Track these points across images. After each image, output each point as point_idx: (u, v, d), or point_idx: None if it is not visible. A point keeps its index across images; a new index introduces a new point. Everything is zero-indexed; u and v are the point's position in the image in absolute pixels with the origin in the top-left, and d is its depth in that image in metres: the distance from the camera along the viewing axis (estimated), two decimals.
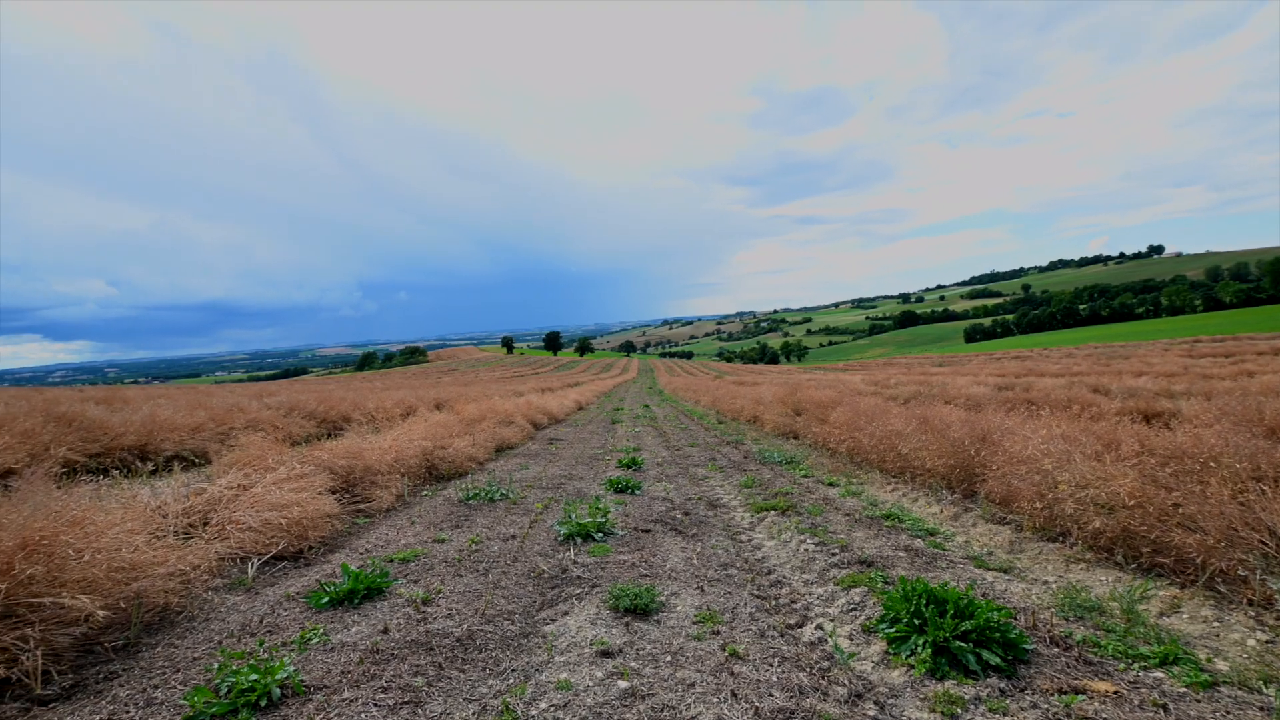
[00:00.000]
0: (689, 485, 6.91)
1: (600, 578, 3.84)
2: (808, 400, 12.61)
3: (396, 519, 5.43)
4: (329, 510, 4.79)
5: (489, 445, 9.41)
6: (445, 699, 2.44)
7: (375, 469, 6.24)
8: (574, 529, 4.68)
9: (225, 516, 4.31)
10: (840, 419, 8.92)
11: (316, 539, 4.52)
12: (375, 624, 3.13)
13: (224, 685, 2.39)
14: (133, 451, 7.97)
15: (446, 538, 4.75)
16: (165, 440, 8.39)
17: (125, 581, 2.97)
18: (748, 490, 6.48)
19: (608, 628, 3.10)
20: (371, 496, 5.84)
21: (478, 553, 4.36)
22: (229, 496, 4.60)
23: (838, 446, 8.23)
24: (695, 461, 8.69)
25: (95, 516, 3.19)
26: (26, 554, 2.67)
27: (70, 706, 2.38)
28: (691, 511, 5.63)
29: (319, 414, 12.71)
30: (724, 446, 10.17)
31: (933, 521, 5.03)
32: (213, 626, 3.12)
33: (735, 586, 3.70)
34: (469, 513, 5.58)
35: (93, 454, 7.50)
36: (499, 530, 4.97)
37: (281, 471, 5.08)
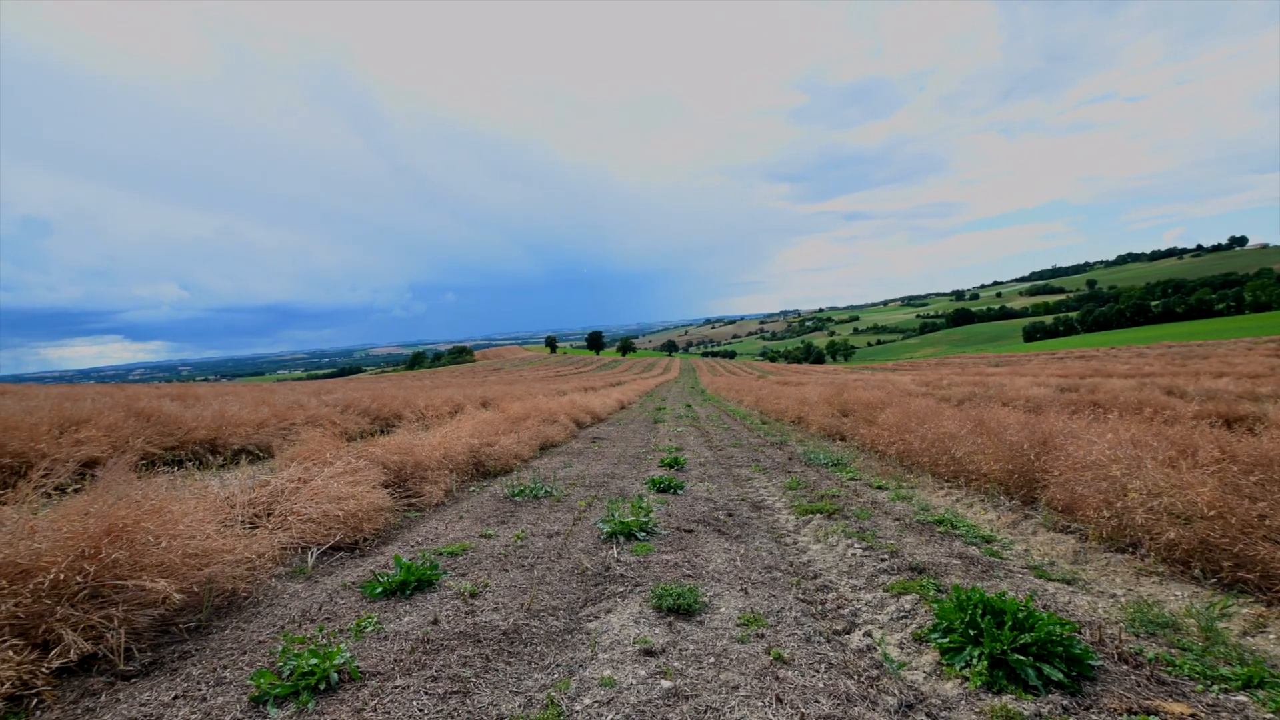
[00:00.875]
0: (732, 486, 6.85)
1: (643, 577, 3.85)
2: (855, 401, 12.30)
3: (445, 514, 5.59)
4: (382, 504, 4.97)
5: (533, 443, 9.57)
6: (492, 690, 2.50)
7: (425, 465, 6.44)
8: (617, 527, 4.71)
9: (287, 508, 4.53)
10: (889, 420, 8.66)
11: (371, 531, 4.70)
12: (426, 615, 3.23)
13: (286, 668, 2.52)
14: (204, 445, 8.48)
15: (493, 533, 4.86)
16: (233, 435, 8.89)
17: (198, 567, 3.17)
18: (792, 492, 6.37)
19: (650, 627, 3.11)
20: (422, 491, 6.03)
21: (523, 548, 4.45)
22: (290, 489, 4.84)
23: (886, 449, 8.00)
24: (738, 462, 8.60)
25: (172, 505, 3.41)
26: (111, 539, 2.87)
27: (149, 682, 2.55)
28: (735, 513, 5.58)
29: (372, 411, 13.21)
30: (767, 447, 10.03)
31: (989, 528, 4.83)
32: (276, 612, 3.29)
33: (780, 590, 3.65)
34: (514, 509, 5.69)
35: (168, 447, 8.02)
36: (543, 527, 5.04)
37: (338, 466, 5.31)
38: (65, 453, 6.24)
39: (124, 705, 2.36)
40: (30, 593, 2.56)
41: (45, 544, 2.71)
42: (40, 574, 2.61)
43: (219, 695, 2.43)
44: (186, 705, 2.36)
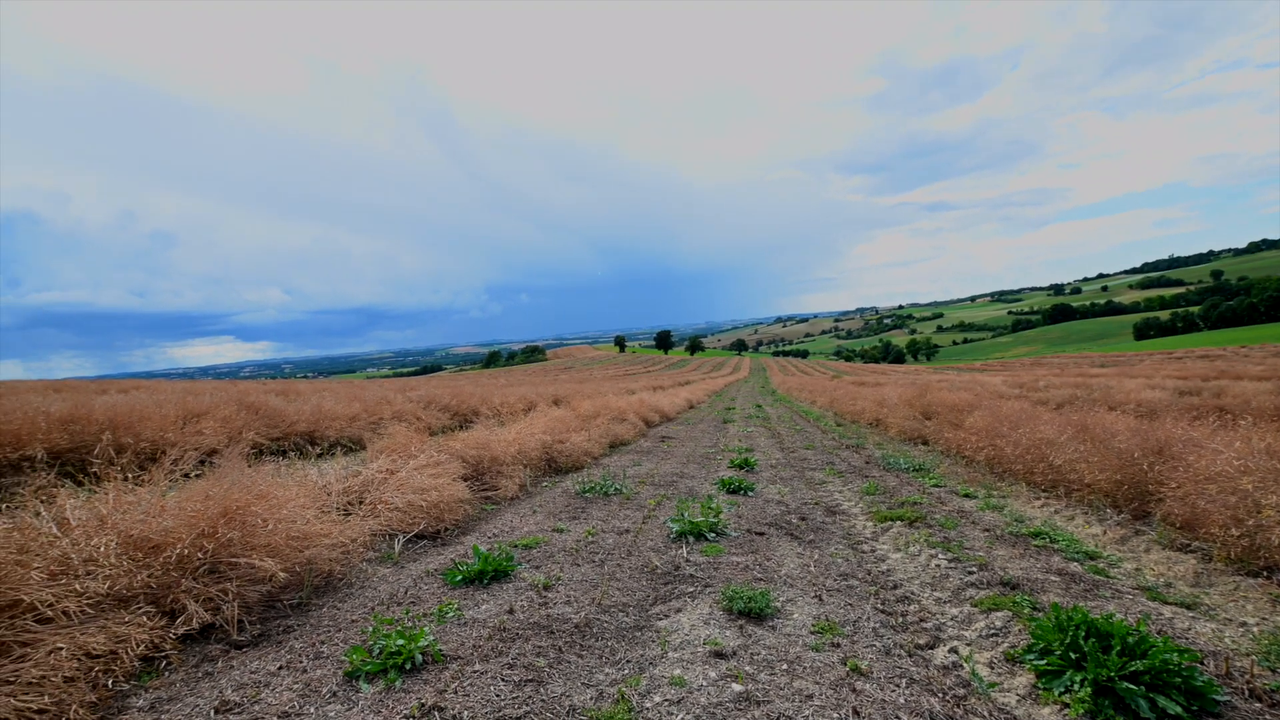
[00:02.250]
0: (805, 489, 6.66)
1: (713, 578, 3.81)
2: (939, 403, 11.63)
3: (519, 507, 5.77)
4: (461, 496, 5.20)
5: (603, 441, 9.71)
6: (565, 681, 2.55)
7: (501, 460, 6.68)
8: (686, 527, 4.69)
9: (376, 497, 4.84)
10: (978, 424, 8.11)
11: (451, 521, 4.93)
12: (502, 604, 3.34)
13: (376, 647, 2.68)
14: (304, 437, 9.21)
15: (565, 528, 4.97)
16: (329, 428, 9.60)
17: (299, 549, 3.43)
18: (870, 497, 6.10)
19: (721, 629, 3.07)
20: (497, 485, 6.26)
21: (594, 544, 4.51)
22: (379, 479, 5.16)
23: (974, 454, 7.50)
24: (811, 465, 8.34)
25: (277, 492, 3.72)
26: (227, 520, 3.17)
27: (257, 652, 2.79)
28: (808, 516, 5.41)
29: (452, 407, 13.87)
30: (843, 450, 9.67)
31: (1093, 544, 4.42)
32: (367, 594, 3.51)
33: (857, 598, 3.50)
34: (585, 505, 5.80)
35: (274, 438, 8.77)
36: (613, 524, 5.10)
37: (422, 458, 5.61)
38: (189, 441, 6.96)
39: (236, 672, 2.60)
40: (160, 565, 2.87)
41: (172, 522, 3.03)
42: (168, 549, 2.92)
43: (318, 668, 2.63)
44: (290, 675, 2.56)
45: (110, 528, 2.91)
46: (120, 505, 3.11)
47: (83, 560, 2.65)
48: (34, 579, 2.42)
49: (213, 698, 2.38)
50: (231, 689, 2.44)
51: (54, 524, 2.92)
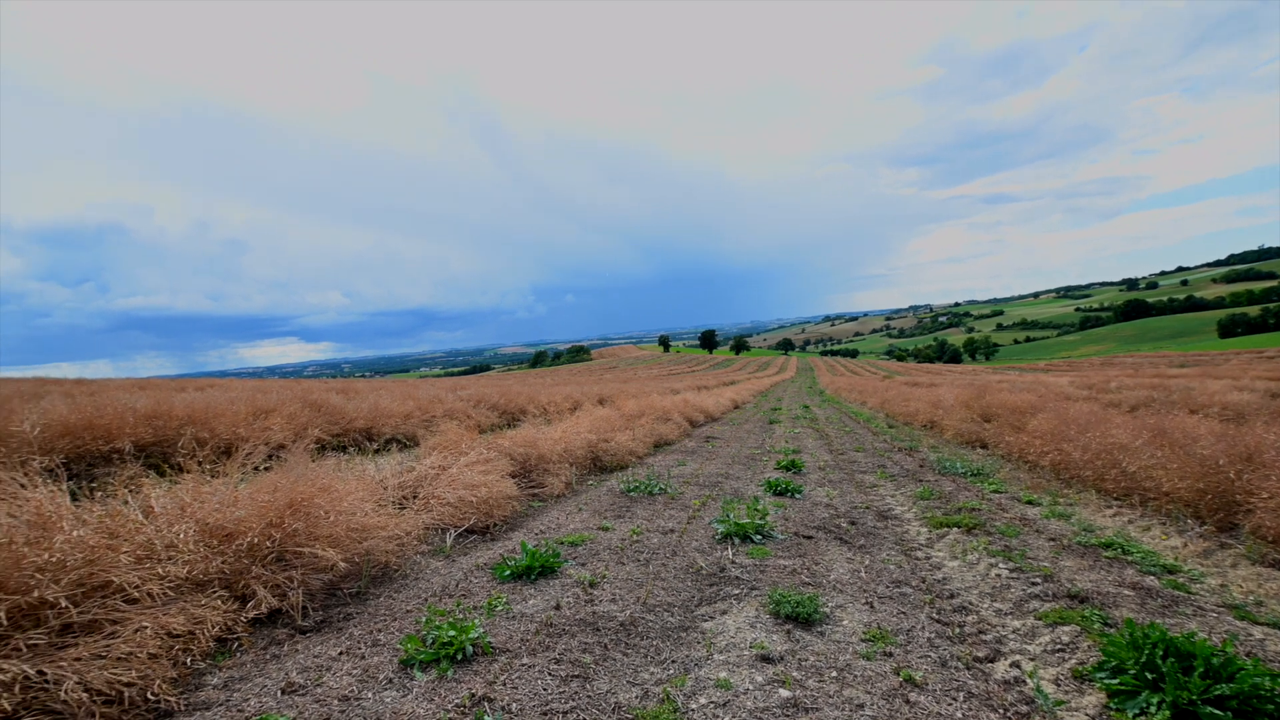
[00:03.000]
0: (855, 492, 6.48)
1: (759, 580, 3.76)
2: (999, 404, 11.11)
3: (565, 505, 5.85)
4: (510, 493, 5.32)
5: (648, 441, 9.73)
6: (610, 679, 2.57)
7: (547, 458, 6.79)
8: (732, 528, 4.64)
9: (429, 492, 5.00)
10: (1042, 427, 7.71)
11: (500, 517, 5.05)
12: (549, 600, 3.40)
13: (429, 637, 2.77)
14: (362, 433, 9.61)
15: (610, 526, 5.00)
16: (385, 425, 9.99)
17: (358, 540, 3.59)
18: (924, 502, 5.88)
19: (767, 632, 3.02)
20: (544, 483, 6.36)
21: (638, 543, 4.53)
22: (432, 475, 5.33)
23: (1038, 459, 7.13)
24: (861, 467, 8.12)
25: (338, 486, 3.90)
26: (292, 511, 3.34)
27: (320, 638, 2.93)
28: (858, 521, 5.27)
29: (500, 406, 14.19)
30: (895, 453, 9.36)
31: (1171, 556, 4.12)
32: (420, 585, 3.63)
33: (910, 607, 3.38)
34: (630, 504, 5.82)
35: (334, 434, 9.19)
36: (658, 524, 5.11)
37: (472, 456, 5.76)
38: (259, 436, 7.37)
39: (301, 655, 2.74)
40: (233, 552, 3.05)
41: (244, 512, 3.21)
42: (240, 537, 3.10)
43: (375, 655, 2.74)
44: (349, 661, 2.68)
45: (189, 516, 3.11)
46: (198, 495, 3.33)
47: (165, 546, 2.85)
48: (123, 562, 2.61)
49: (280, 679, 2.51)
50: (296, 671, 2.58)
51: (140, 512, 3.14)
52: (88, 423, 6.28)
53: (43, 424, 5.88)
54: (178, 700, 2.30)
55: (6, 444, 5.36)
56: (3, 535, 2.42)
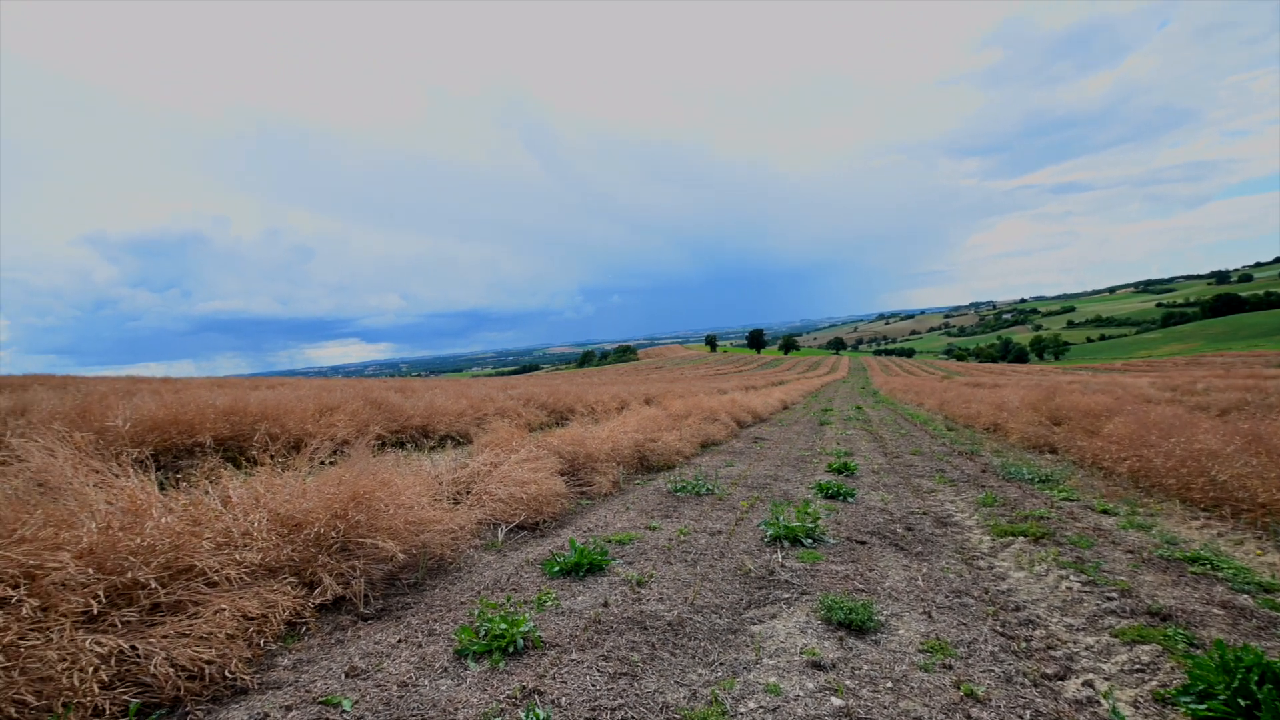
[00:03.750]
0: (911, 497, 6.25)
1: (810, 585, 3.67)
2: (1070, 406, 10.47)
3: (612, 504, 5.89)
4: (559, 490, 5.40)
5: (695, 440, 9.68)
6: (658, 678, 2.57)
7: (595, 456, 6.86)
8: (781, 531, 4.56)
9: (482, 488, 5.14)
10: (1119, 431, 7.22)
11: (549, 514, 5.14)
12: (597, 597, 3.43)
13: (482, 629, 2.85)
14: (418, 430, 9.98)
15: (657, 526, 5.01)
16: (440, 422, 10.33)
17: (415, 533, 3.72)
18: (987, 509, 5.61)
19: (819, 639, 2.95)
20: (592, 481, 6.43)
21: (686, 544, 4.51)
22: (484, 471, 5.47)
23: (1114, 466, 6.68)
24: (918, 471, 7.82)
25: (397, 480, 4.06)
26: (355, 504, 3.50)
27: (380, 625, 3.06)
28: (915, 527, 5.08)
29: (549, 405, 14.44)
30: (954, 457, 8.97)
31: (1268, 574, 3.78)
32: (473, 578, 3.74)
33: (972, 618, 3.23)
34: (677, 504, 5.81)
35: (393, 431, 9.57)
36: (705, 524, 5.07)
37: (522, 453, 5.89)
38: (324, 432, 7.76)
39: (363, 641, 2.87)
40: (301, 541, 3.22)
41: (312, 504, 3.39)
42: (308, 527, 3.27)
43: (431, 644, 2.84)
44: (407, 649, 2.79)
45: (263, 506, 3.31)
46: (270, 487, 3.54)
47: (241, 533, 3.04)
48: (204, 548, 2.80)
49: (343, 663, 2.64)
50: (359, 656, 2.70)
51: (219, 501, 3.37)
52: (173, 418, 6.78)
53: (134, 419, 6.38)
54: (252, 679, 2.45)
55: (104, 437, 5.84)
56: (101, 521, 2.64)
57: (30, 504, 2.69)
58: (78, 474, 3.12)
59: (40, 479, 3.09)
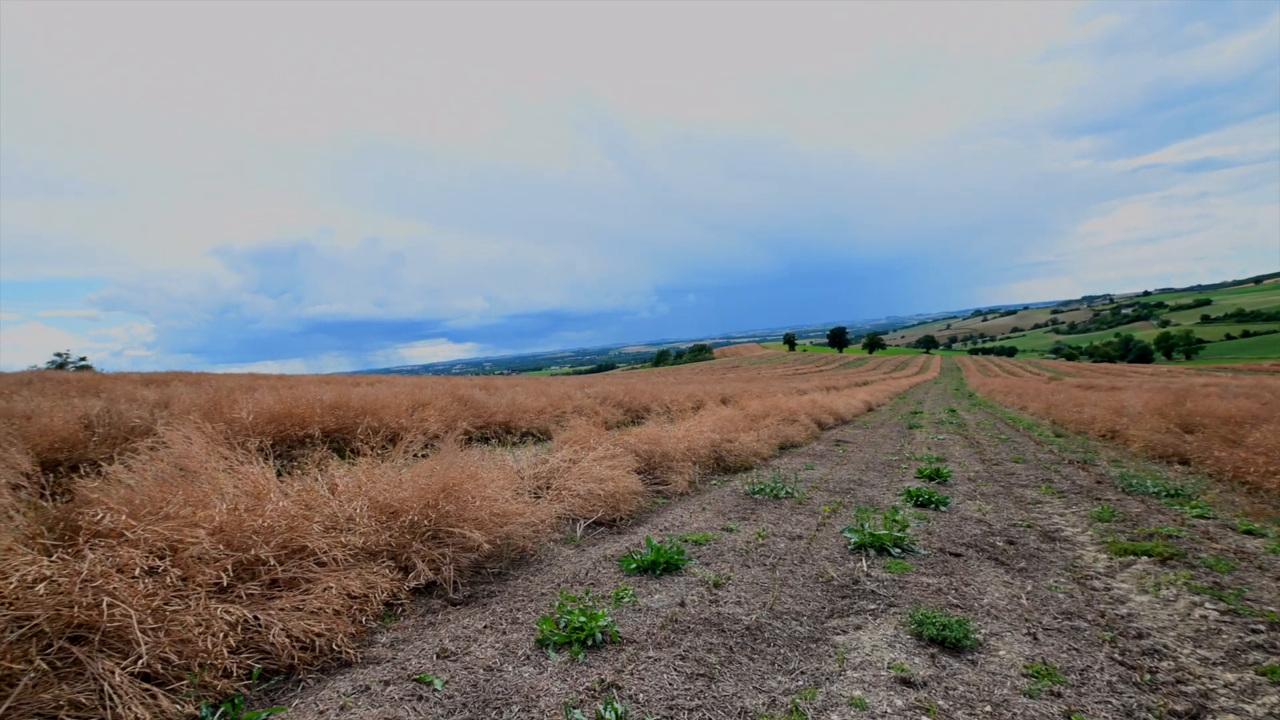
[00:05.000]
0: (1013, 508, 5.78)
1: (898, 597, 3.49)
2: (1205, 412, 9.30)
3: (688, 503, 5.87)
4: (635, 488, 5.45)
5: (773, 442, 9.46)
6: (736, 682, 2.53)
7: (671, 456, 6.86)
8: (866, 539, 4.36)
9: (561, 484, 5.28)
10: (1268, 441, 6.33)
11: (625, 512, 5.19)
12: (674, 596, 3.42)
13: (562, 620, 2.92)
14: (501, 426, 10.40)
15: (734, 527, 4.93)
16: (521, 419, 10.73)
17: (499, 525, 3.88)
18: (1103, 524, 5.09)
19: (908, 654, 2.79)
20: (668, 480, 6.44)
21: (764, 547, 4.41)
22: (563, 468, 5.62)
23: (1261, 480, 5.86)
24: (1021, 480, 7.22)
25: (482, 473, 4.25)
26: (445, 495, 3.70)
27: (468, 611, 3.21)
28: (1017, 540, 4.69)
29: (624, 403, 14.60)
30: (1064, 465, 8.21)
31: None
32: (553, 571, 3.84)
33: (1085, 644, 2.94)
34: (754, 506, 5.70)
35: (479, 427, 10.04)
36: (784, 528, 4.94)
37: (600, 451, 5.99)
38: (416, 427, 8.27)
39: (452, 625, 3.02)
40: (398, 528, 3.44)
41: (407, 493, 3.62)
42: (404, 515, 3.50)
43: (514, 632, 2.94)
44: (492, 635, 2.91)
45: (364, 494, 3.57)
46: (371, 476, 3.81)
47: (345, 518, 3.30)
48: (315, 530, 3.06)
49: (435, 644, 2.80)
50: (449, 639, 2.85)
51: (327, 488, 3.67)
52: (287, 412, 7.46)
53: (255, 412, 7.08)
54: (355, 653, 2.65)
55: (231, 427, 6.53)
56: (230, 502, 2.95)
57: (173, 485, 3.05)
58: (211, 460, 3.50)
59: (181, 463, 3.50)
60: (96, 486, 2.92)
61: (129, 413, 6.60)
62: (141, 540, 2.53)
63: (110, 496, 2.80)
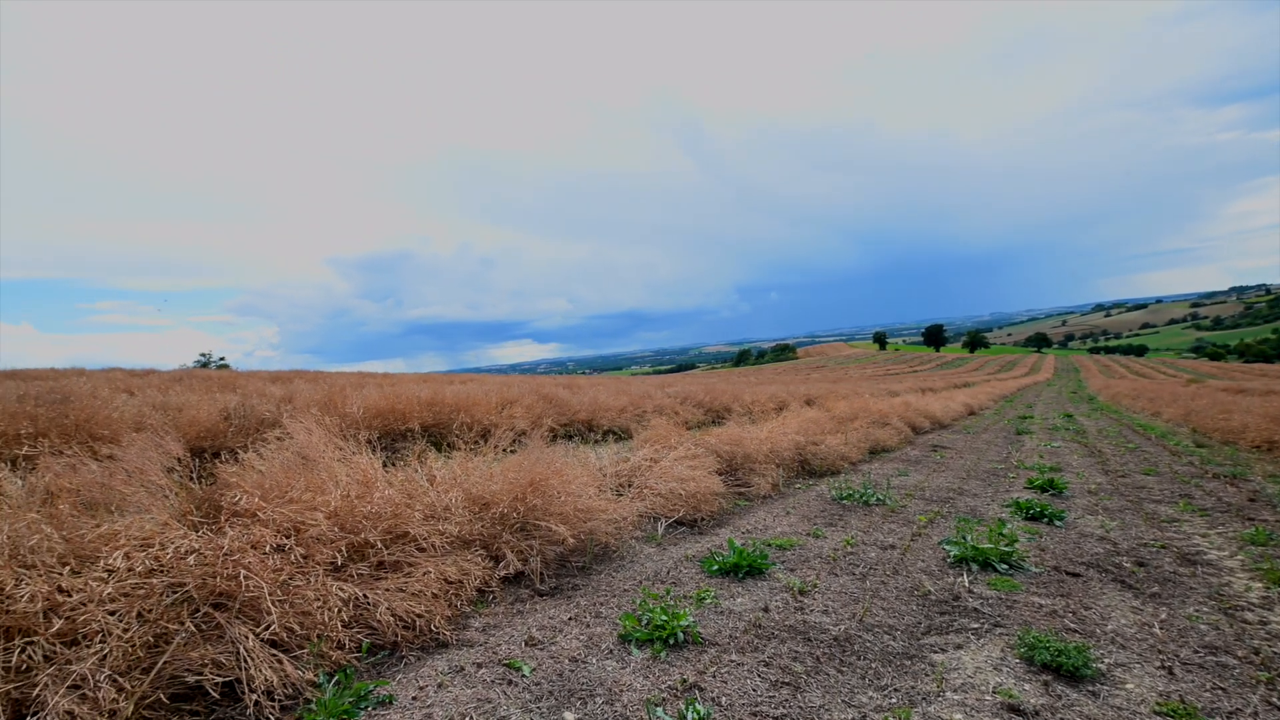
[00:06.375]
0: (1143, 526, 5.17)
1: (1005, 617, 3.22)
2: None
3: (772, 507, 5.73)
4: (716, 489, 5.39)
5: (861, 446, 9.04)
6: (823, 694, 2.43)
7: (753, 457, 6.73)
8: (969, 552, 4.06)
9: (642, 482, 5.32)
10: None
11: (706, 512, 5.15)
12: (757, 600, 3.36)
13: (644, 617, 2.95)
14: (583, 424, 10.66)
15: (821, 533, 4.76)
16: (603, 418, 10.94)
17: (583, 520, 3.97)
18: (1257, 548, 4.44)
19: (1017, 679, 2.57)
20: (750, 482, 6.32)
21: (853, 555, 4.23)
22: (644, 466, 5.67)
23: None
24: (1154, 495, 6.45)
25: (566, 470, 4.37)
26: (532, 489, 3.84)
27: (553, 602, 3.31)
28: (1149, 562, 4.19)
29: (705, 403, 14.50)
30: (1206, 479, 7.24)
31: None
32: (635, 568, 3.88)
33: (1233, 683, 2.57)
34: (842, 512, 5.47)
35: (562, 424, 10.34)
36: (875, 536, 4.70)
37: (680, 450, 5.98)
38: (505, 423, 8.65)
39: (539, 614, 3.13)
40: (489, 519, 3.62)
41: (497, 486, 3.79)
42: (494, 507, 3.66)
43: (597, 625, 3.00)
44: (576, 627, 2.99)
45: (459, 486, 3.78)
46: (465, 469, 4.03)
47: (442, 508, 3.50)
48: (416, 518, 3.28)
49: (523, 632, 2.91)
50: (536, 628, 2.95)
51: (426, 479, 3.92)
52: (390, 407, 8.05)
53: (364, 407, 7.69)
54: (450, 635, 2.81)
55: (344, 420, 7.13)
56: (343, 489, 3.22)
57: (296, 472, 3.37)
58: (327, 450, 3.84)
59: (302, 453, 3.86)
60: (234, 471, 3.29)
61: (259, 406, 7.38)
62: (271, 521, 2.82)
63: (245, 481, 3.14)
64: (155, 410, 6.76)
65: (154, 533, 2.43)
